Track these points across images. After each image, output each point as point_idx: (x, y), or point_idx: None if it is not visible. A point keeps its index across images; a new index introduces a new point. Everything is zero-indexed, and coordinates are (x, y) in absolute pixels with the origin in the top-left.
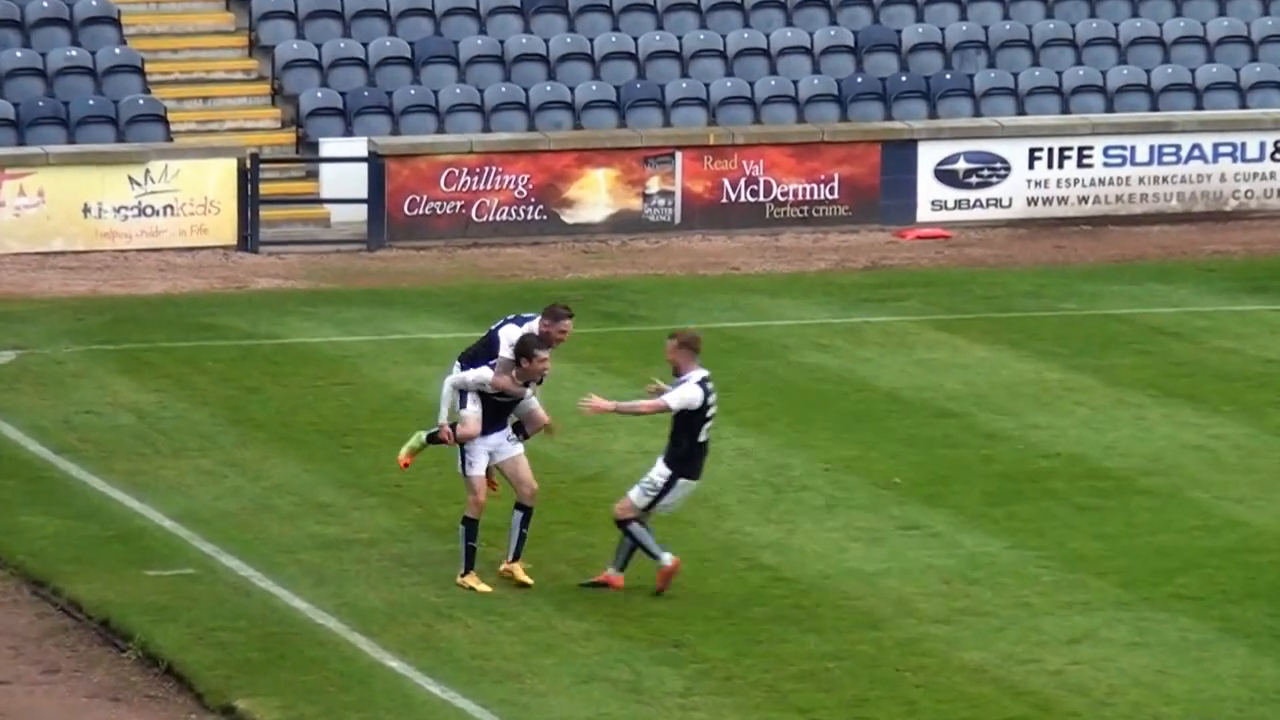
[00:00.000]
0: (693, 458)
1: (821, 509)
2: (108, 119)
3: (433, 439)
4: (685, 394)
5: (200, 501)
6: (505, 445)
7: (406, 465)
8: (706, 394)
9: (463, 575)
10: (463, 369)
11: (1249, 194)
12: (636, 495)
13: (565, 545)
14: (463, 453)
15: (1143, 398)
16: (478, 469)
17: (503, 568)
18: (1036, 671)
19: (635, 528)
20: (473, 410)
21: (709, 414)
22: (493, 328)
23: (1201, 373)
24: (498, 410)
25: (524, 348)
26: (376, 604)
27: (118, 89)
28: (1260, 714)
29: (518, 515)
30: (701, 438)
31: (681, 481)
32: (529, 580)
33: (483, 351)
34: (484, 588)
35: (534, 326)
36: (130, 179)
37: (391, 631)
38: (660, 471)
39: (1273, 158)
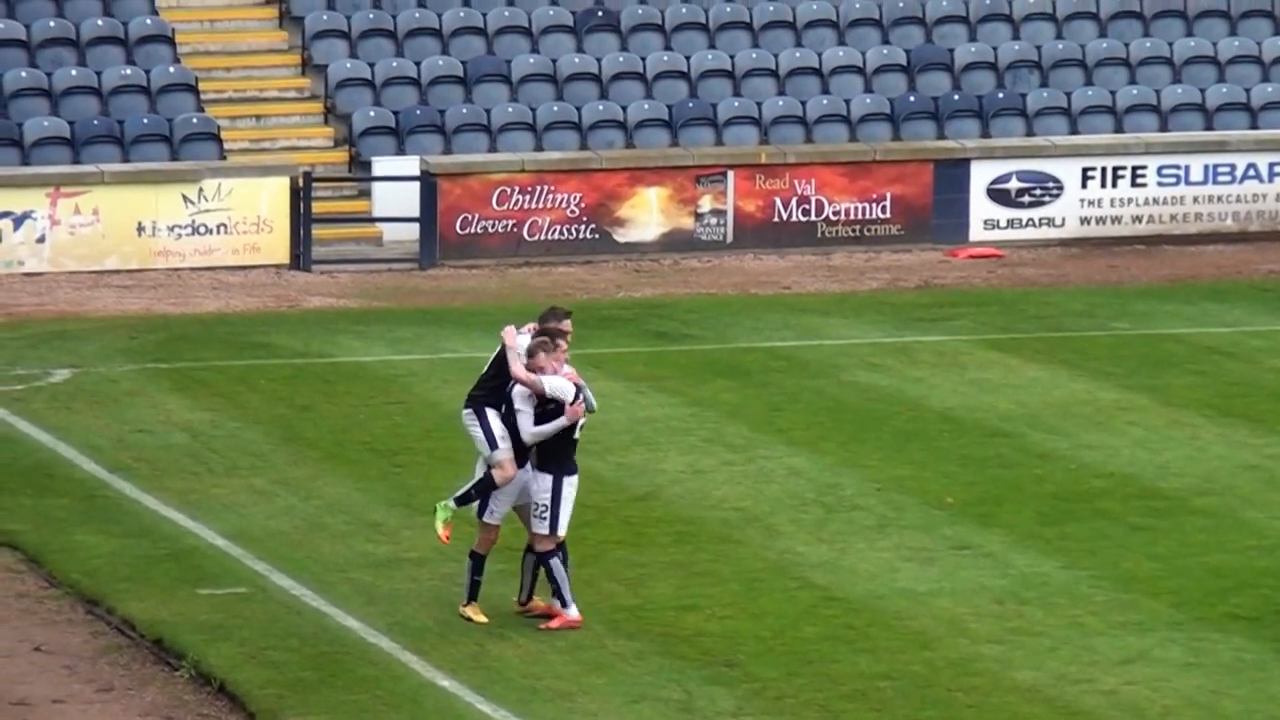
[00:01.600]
0: (570, 456)
1: (873, 528)
2: (162, 137)
3: (464, 500)
4: (558, 383)
5: (252, 520)
6: (532, 487)
7: (447, 539)
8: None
9: (464, 604)
10: (481, 406)
11: None
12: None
13: (617, 564)
14: (486, 497)
15: (1197, 418)
16: (496, 518)
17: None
18: (1089, 691)
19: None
20: (504, 450)
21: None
22: (493, 356)
23: (1257, 392)
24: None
25: (543, 331)
26: (428, 623)
27: (172, 108)
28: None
29: (530, 559)
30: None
31: (567, 480)
32: (483, 619)
33: (495, 374)
34: (481, 619)
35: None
36: (184, 197)
37: (443, 650)
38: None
39: None
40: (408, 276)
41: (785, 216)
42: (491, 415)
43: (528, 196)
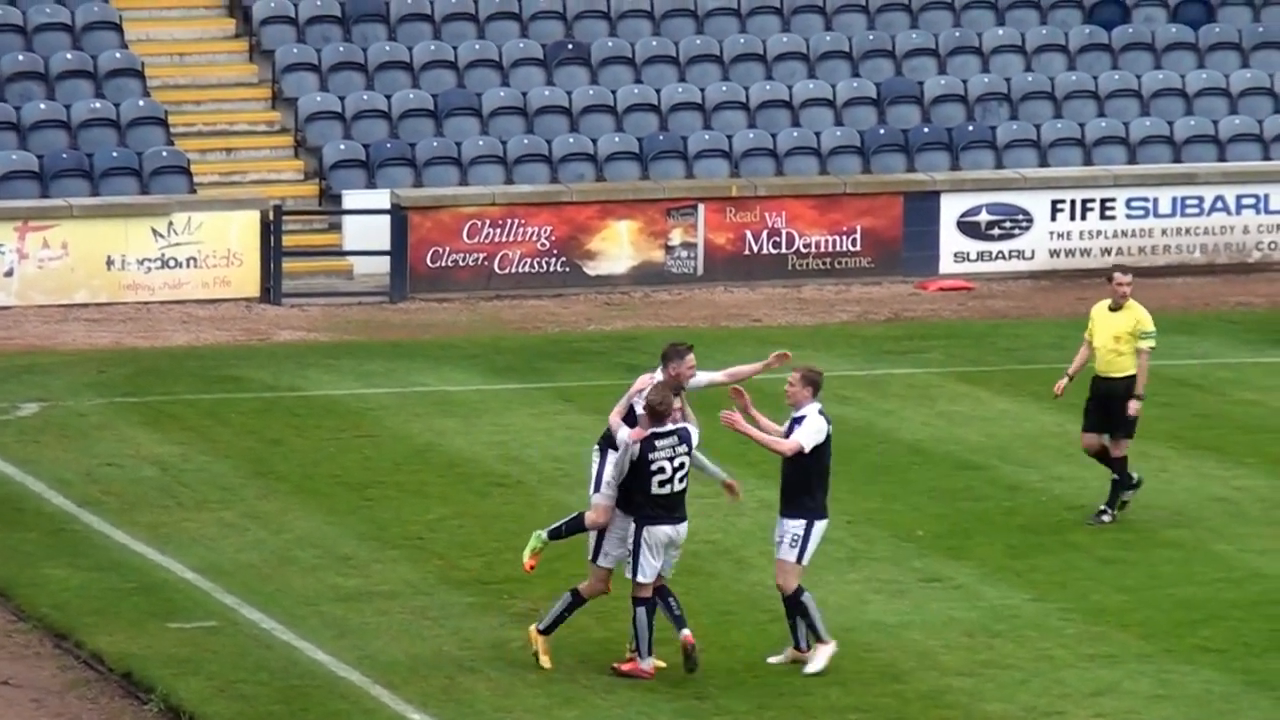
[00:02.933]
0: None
1: (843, 561)
2: (131, 171)
3: (556, 535)
4: (811, 428)
5: (222, 554)
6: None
7: (532, 568)
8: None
9: (538, 631)
10: (604, 446)
11: (1273, 245)
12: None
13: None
14: (598, 539)
15: (1166, 450)
16: (608, 562)
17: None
18: None
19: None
20: (606, 496)
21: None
22: (630, 390)
23: (1225, 425)
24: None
25: (660, 387)
26: (398, 656)
27: (141, 141)
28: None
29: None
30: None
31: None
32: (545, 660)
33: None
34: (544, 658)
35: (659, 376)
36: (153, 231)
37: (413, 684)
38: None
39: None
40: (378, 310)
41: (756, 249)
42: (611, 458)
43: (498, 229)
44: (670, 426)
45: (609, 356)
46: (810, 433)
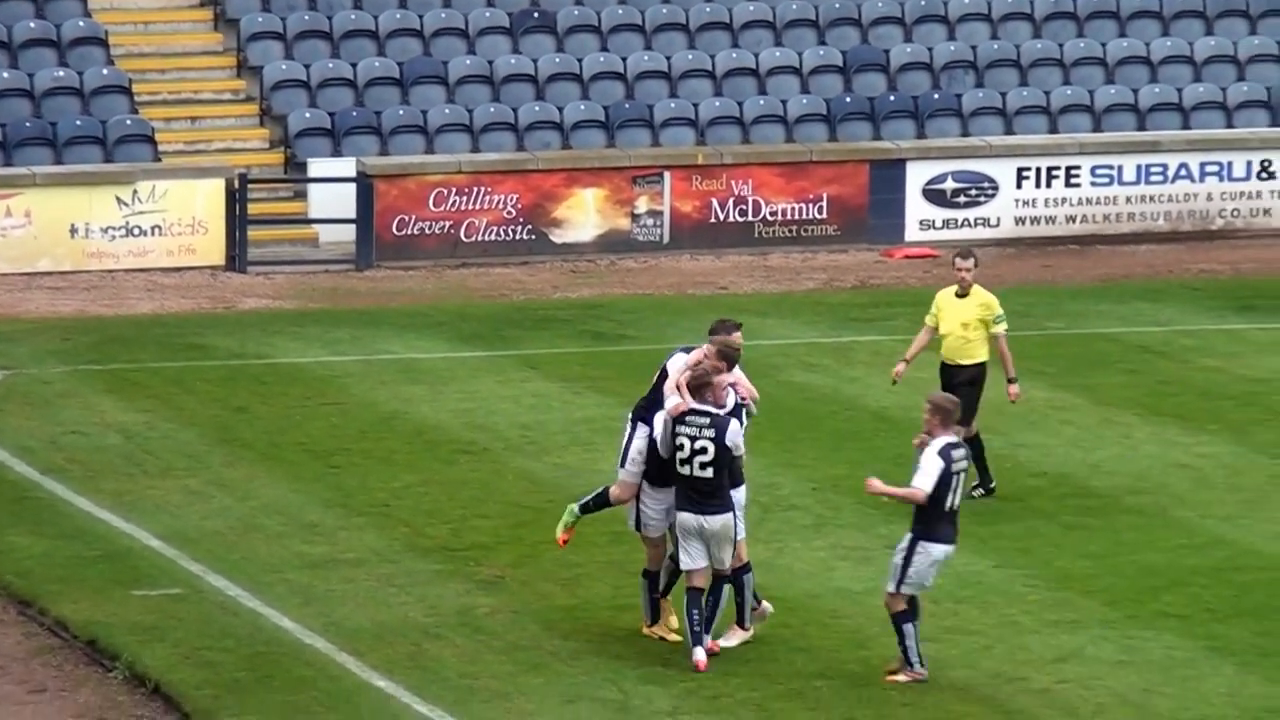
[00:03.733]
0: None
1: (809, 528)
2: (95, 139)
3: (586, 509)
4: (929, 469)
5: (187, 521)
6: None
7: (565, 542)
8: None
9: (649, 626)
10: (635, 419)
11: (1235, 213)
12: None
13: (553, 564)
14: (636, 510)
15: (1129, 417)
16: (653, 531)
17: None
18: (1023, 690)
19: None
20: (630, 473)
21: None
22: (663, 363)
23: (1188, 391)
24: (663, 464)
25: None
26: (364, 623)
27: (105, 109)
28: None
29: (645, 582)
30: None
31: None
32: (674, 636)
33: (654, 387)
34: (673, 636)
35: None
36: (118, 199)
37: (379, 651)
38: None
39: (1259, 177)
40: (344, 278)
41: (722, 217)
42: (640, 431)
43: (464, 198)
44: (704, 407)
45: (575, 324)
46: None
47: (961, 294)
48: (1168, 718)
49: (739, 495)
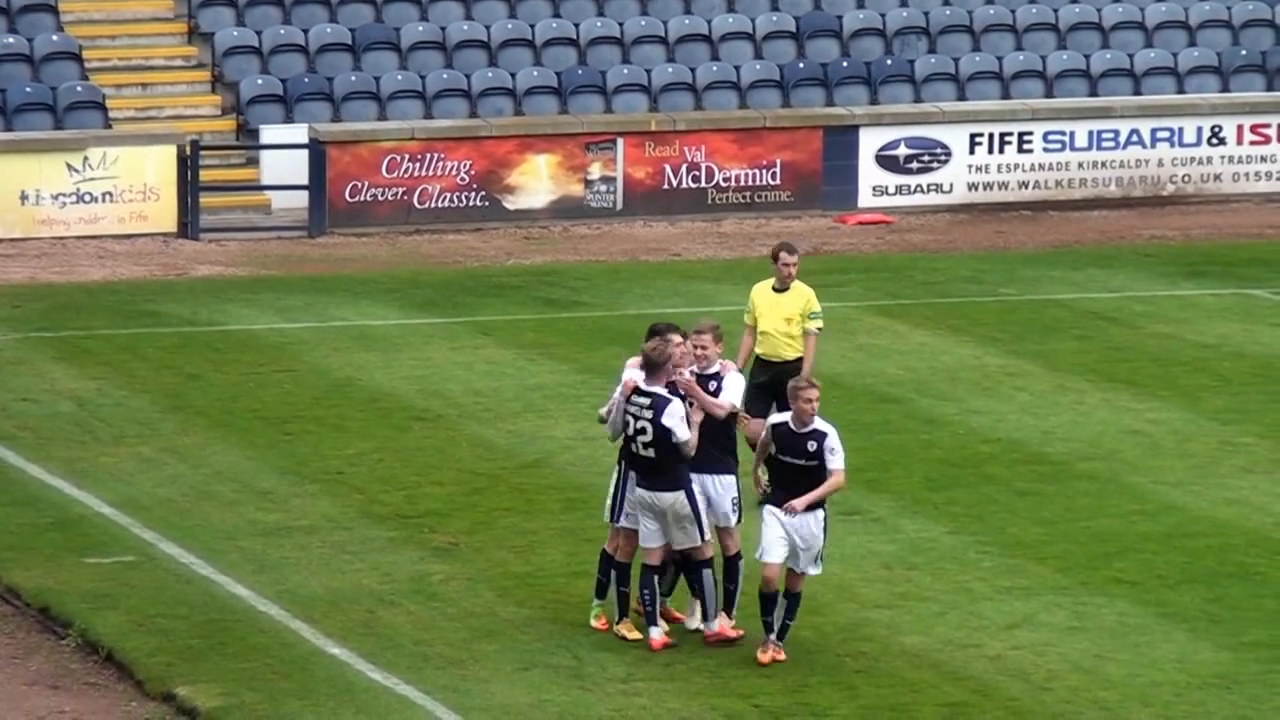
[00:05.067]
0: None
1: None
2: (45, 106)
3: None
4: (736, 385)
5: (140, 489)
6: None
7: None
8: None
9: (611, 621)
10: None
11: (1186, 179)
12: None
13: (507, 531)
14: (620, 500)
15: (1082, 383)
16: (631, 523)
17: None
18: (976, 656)
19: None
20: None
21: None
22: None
23: (1139, 357)
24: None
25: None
26: (318, 591)
27: (55, 76)
28: (1197, 698)
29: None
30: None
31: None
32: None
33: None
34: (633, 635)
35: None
36: (68, 166)
37: (333, 618)
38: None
39: (1209, 143)
40: (297, 244)
41: (675, 183)
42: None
43: (417, 164)
44: (649, 388)
45: (528, 290)
46: (737, 390)
47: (781, 288)
48: (1119, 683)
49: (728, 482)
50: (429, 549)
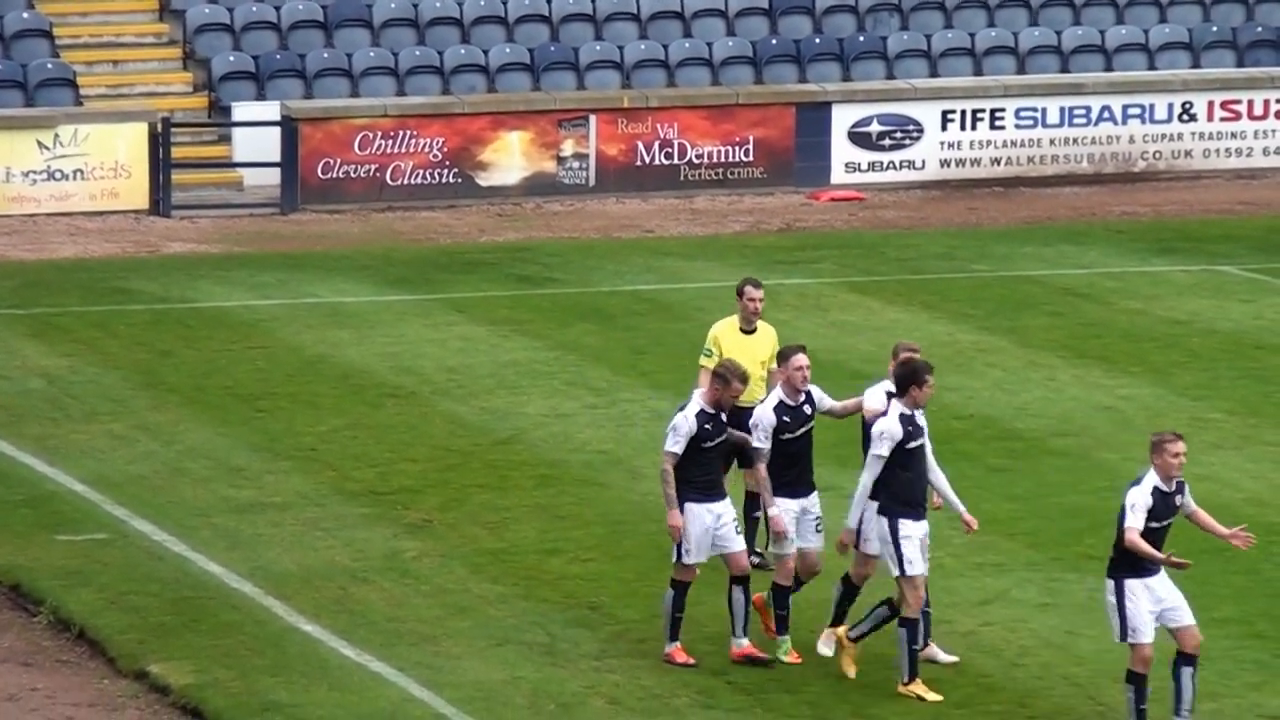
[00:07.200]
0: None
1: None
2: (16, 84)
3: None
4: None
5: (112, 466)
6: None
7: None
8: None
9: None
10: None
11: (1157, 155)
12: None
13: (480, 508)
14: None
15: (1054, 359)
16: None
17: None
18: (948, 633)
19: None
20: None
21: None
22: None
23: (1111, 334)
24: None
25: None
26: (291, 568)
27: (26, 53)
28: (1167, 674)
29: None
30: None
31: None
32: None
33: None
34: (931, 696)
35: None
36: (39, 143)
37: (306, 595)
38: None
39: (1180, 119)
40: (269, 221)
41: (648, 160)
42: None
43: (390, 141)
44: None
45: (501, 267)
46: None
47: (749, 330)
48: (1090, 660)
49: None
50: (402, 526)
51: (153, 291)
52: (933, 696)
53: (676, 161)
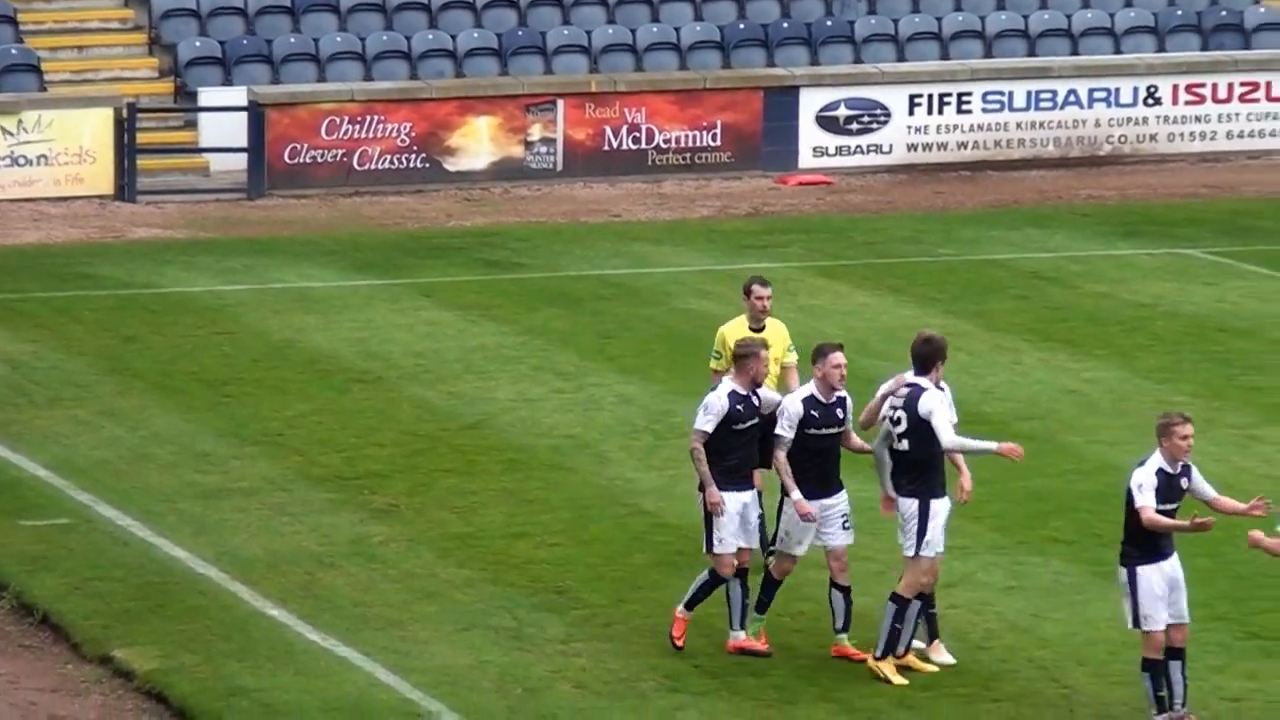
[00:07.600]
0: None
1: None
2: None
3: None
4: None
5: (77, 451)
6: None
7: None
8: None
9: (877, 659)
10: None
11: (1123, 139)
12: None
13: (447, 493)
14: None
15: (1020, 342)
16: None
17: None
18: None
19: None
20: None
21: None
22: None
23: (1076, 317)
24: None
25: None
26: (257, 552)
27: None
28: (1132, 656)
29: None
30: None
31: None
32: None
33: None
34: (927, 667)
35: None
36: (2, 129)
37: (272, 580)
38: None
39: (1146, 103)
40: (235, 206)
41: (615, 145)
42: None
43: (357, 126)
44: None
45: (469, 252)
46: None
47: (758, 328)
48: (1055, 642)
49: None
50: (369, 510)
51: (118, 277)
52: (899, 680)
53: (644, 146)
